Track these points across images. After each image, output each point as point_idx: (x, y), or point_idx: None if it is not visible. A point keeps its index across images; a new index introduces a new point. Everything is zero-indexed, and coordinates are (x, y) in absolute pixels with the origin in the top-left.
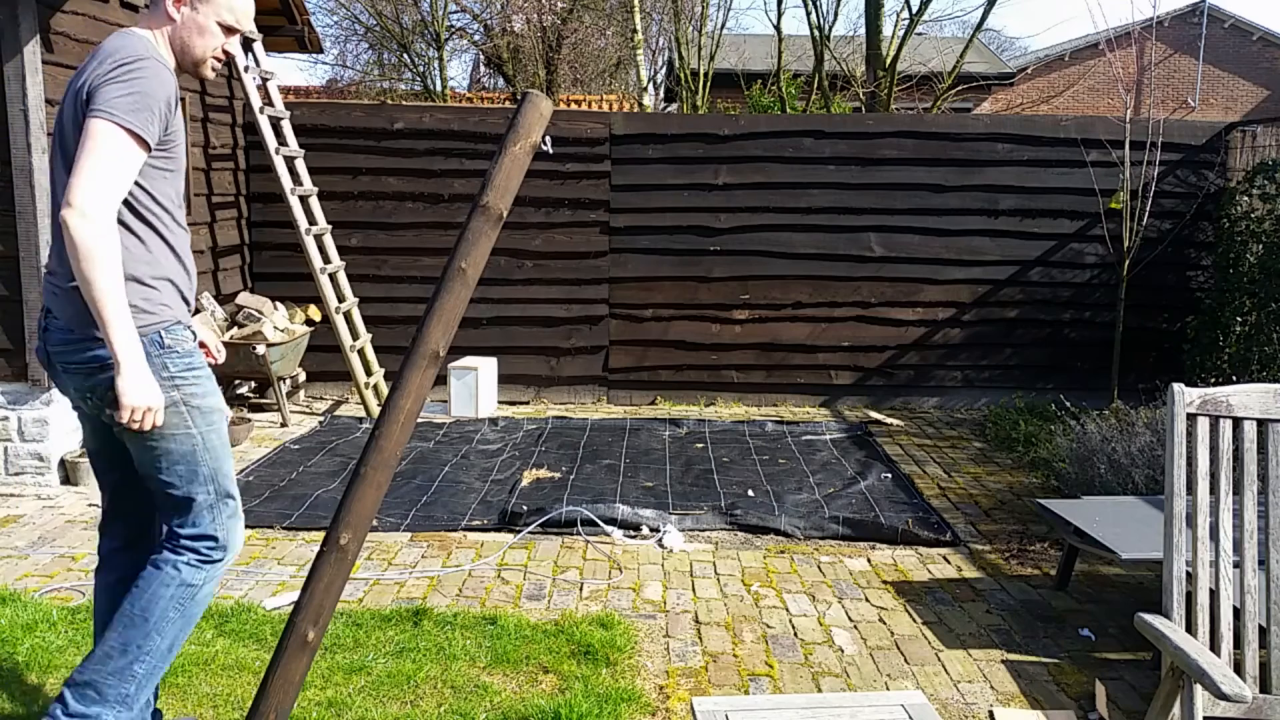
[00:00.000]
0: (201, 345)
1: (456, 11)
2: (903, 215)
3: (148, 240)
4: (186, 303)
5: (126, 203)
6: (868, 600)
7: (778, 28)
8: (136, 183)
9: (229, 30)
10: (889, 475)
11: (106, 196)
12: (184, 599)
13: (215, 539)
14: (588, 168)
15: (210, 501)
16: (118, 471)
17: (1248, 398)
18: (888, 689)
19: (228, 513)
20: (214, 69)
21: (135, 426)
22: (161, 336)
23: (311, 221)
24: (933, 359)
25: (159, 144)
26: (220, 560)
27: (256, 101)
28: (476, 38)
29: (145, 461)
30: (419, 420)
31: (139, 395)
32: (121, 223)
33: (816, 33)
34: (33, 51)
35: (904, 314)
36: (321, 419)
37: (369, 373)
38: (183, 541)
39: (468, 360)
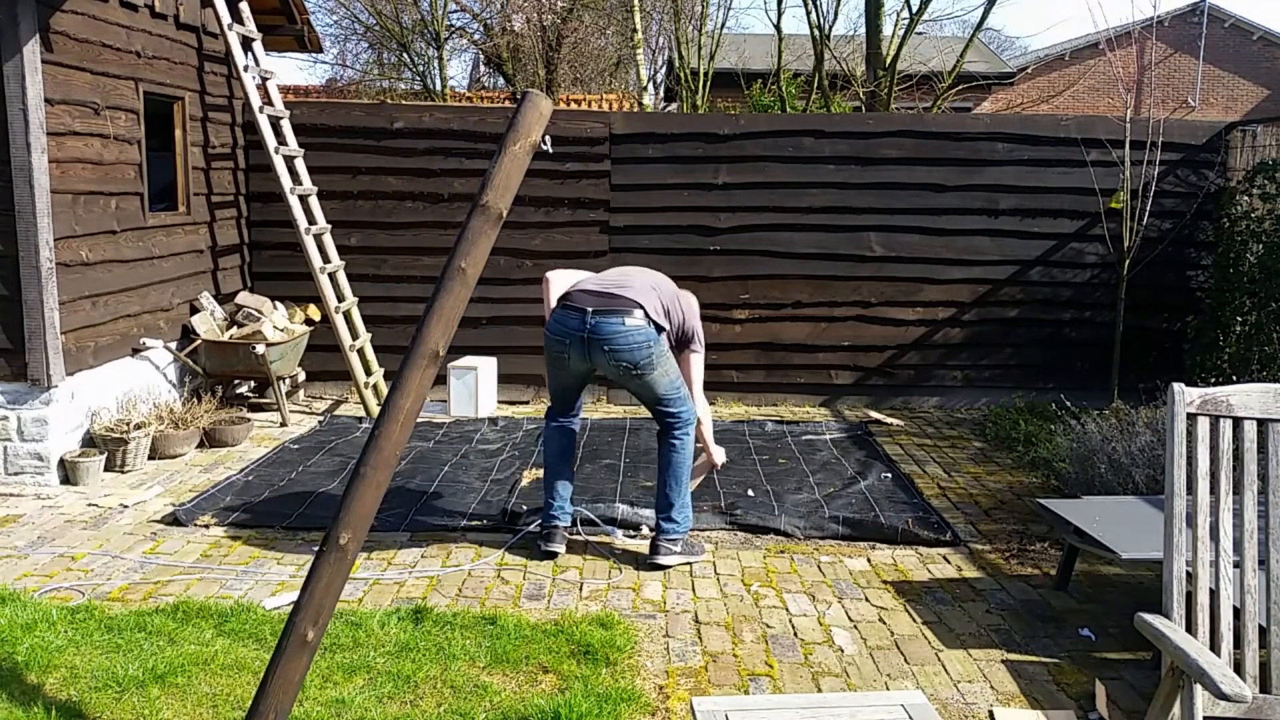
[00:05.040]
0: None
1: (456, 11)
2: (903, 215)
3: None
4: None
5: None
6: (867, 600)
7: (778, 27)
8: None
9: None
10: (889, 475)
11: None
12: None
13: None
14: (587, 167)
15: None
16: (573, 392)
17: (1248, 397)
18: (888, 689)
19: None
20: None
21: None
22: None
23: (311, 221)
24: (933, 359)
25: None
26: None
27: (256, 101)
28: (476, 37)
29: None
30: (419, 420)
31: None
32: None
33: (816, 32)
34: (32, 51)
35: (904, 314)
36: (321, 419)
37: (368, 372)
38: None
39: (467, 360)
